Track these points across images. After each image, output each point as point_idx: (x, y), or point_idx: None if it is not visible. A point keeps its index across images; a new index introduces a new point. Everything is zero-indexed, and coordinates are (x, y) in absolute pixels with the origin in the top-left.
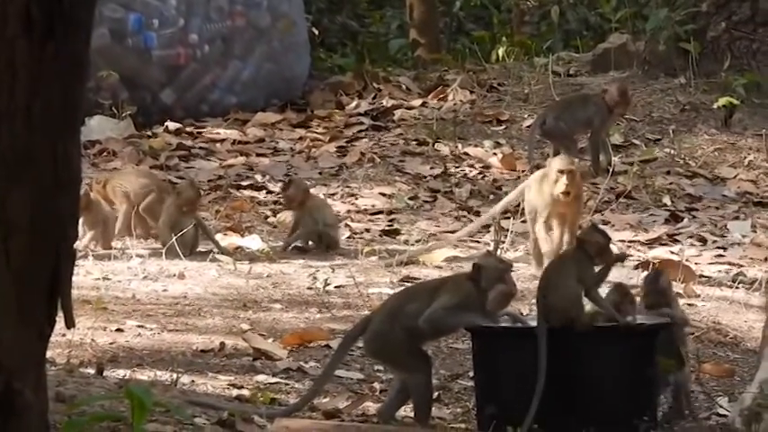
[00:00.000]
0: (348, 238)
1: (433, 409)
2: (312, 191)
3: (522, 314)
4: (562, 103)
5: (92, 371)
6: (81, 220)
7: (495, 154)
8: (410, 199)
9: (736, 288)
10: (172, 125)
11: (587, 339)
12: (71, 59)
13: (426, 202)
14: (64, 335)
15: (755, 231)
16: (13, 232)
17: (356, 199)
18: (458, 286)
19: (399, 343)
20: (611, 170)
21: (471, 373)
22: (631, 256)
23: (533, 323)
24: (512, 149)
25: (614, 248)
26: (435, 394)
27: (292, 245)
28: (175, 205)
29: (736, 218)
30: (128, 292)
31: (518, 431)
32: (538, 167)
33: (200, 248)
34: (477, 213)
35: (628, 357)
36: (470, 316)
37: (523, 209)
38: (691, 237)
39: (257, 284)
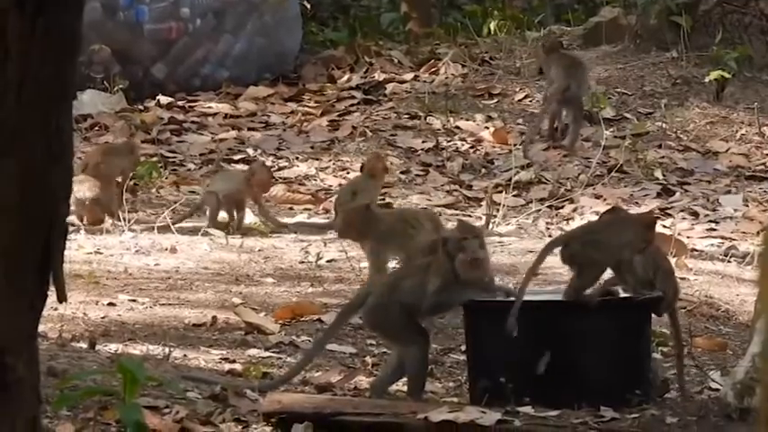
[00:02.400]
0: None
1: (426, 383)
2: (304, 164)
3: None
4: (581, 68)
5: (84, 345)
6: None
7: (486, 128)
8: (402, 173)
9: (729, 262)
10: (163, 99)
11: (579, 312)
12: (63, 33)
13: (418, 175)
14: (56, 309)
15: (747, 205)
16: (4, 206)
17: (348, 173)
18: (439, 265)
19: (396, 317)
20: (602, 144)
21: (463, 347)
22: None
23: (526, 297)
24: (503, 123)
25: None
26: (428, 369)
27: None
28: (253, 191)
29: (728, 192)
30: (120, 266)
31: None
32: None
33: (192, 223)
34: (469, 187)
35: (620, 330)
36: (463, 293)
37: (515, 183)
38: (683, 211)
39: (249, 258)
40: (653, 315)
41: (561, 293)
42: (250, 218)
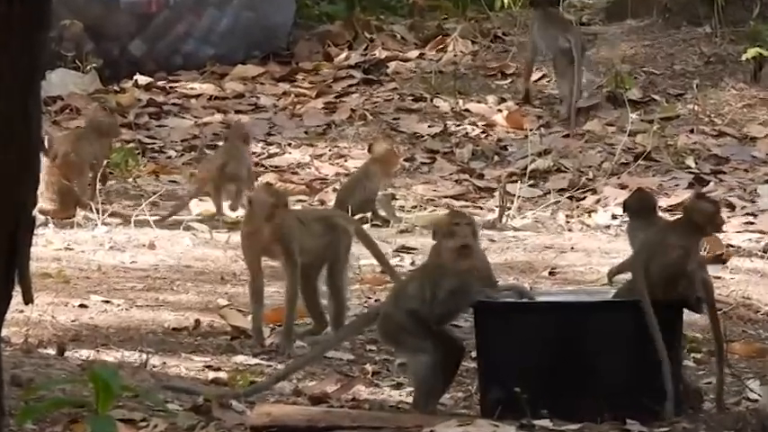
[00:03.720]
0: None
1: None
2: (297, 151)
3: (528, 287)
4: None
5: (52, 351)
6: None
7: (499, 110)
8: (406, 160)
9: None
10: (142, 79)
11: (604, 313)
12: (30, 6)
13: (424, 163)
14: (21, 311)
15: None
16: None
17: (346, 161)
18: (436, 268)
19: (402, 324)
20: (627, 129)
21: (474, 353)
22: None
23: (543, 298)
24: (518, 105)
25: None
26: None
27: None
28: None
29: (767, 181)
30: (92, 263)
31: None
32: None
33: (176, 216)
34: (481, 176)
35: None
36: (469, 296)
37: (531, 172)
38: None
39: (236, 255)
40: (682, 318)
41: (582, 293)
42: (237, 210)
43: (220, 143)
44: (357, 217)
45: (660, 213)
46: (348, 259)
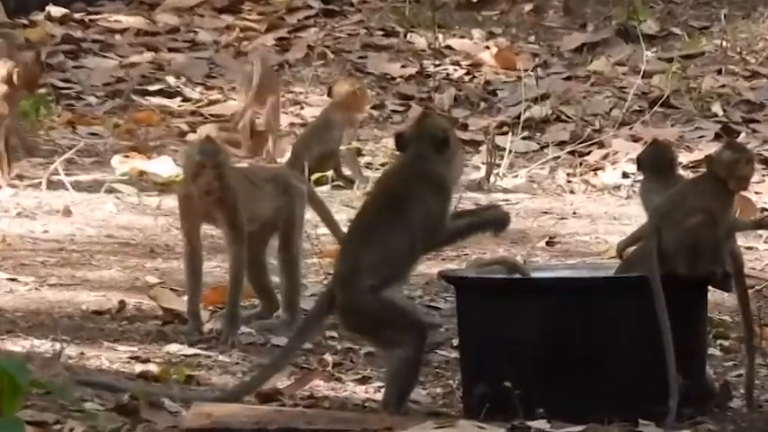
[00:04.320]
0: None
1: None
2: (243, 97)
3: (523, 261)
4: None
5: None
6: None
7: (487, 47)
8: (374, 108)
9: None
10: (55, 11)
11: (612, 293)
12: None
13: (396, 111)
14: None
15: None
16: None
17: (302, 108)
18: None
19: (374, 312)
20: (641, 69)
21: (456, 342)
22: None
23: (539, 274)
24: (510, 42)
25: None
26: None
27: None
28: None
29: None
30: None
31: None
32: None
33: (93, 176)
34: (464, 127)
35: (669, 316)
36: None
37: (526, 122)
38: None
39: (169, 223)
40: (708, 298)
41: (586, 269)
42: (170, 169)
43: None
44: (316, 176)
45: (681, 171)
46: (303, 227)
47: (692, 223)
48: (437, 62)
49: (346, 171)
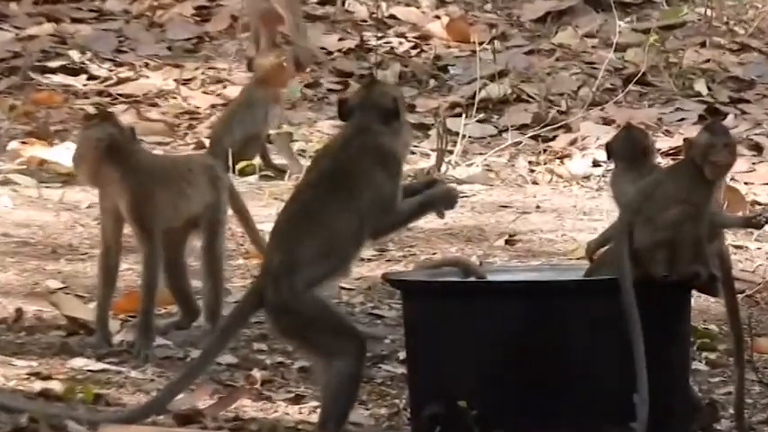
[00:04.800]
0: None
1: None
2: (158, 74)
3: (478, 263)
4: None
5: None
6: None
7: (437, 17)
8: (308, 86)
9: None
10: None
11: (577, 296)
12: None
13: (333, 90)
14: None
15: None
16: None
17: (224, 87)
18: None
19: (311, 314)
20: (614, 41)
21: (402, 355)
22: None
23: (497, 276)
24: (463, 10)
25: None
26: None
27: None
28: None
29: None
30: None
31: None
32: None
33: None
34: (411, 108)
35: (644, 326)
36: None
37: (482, 102)
38: (738, 143)
39: (73, 219)
40: (690, 303)
41: (551, 270)
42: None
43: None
44: (242, 165)
45: (659, 159)
46: (226, 225)
47: (668, 217)
48: (380, 34)
49: (276, 159)
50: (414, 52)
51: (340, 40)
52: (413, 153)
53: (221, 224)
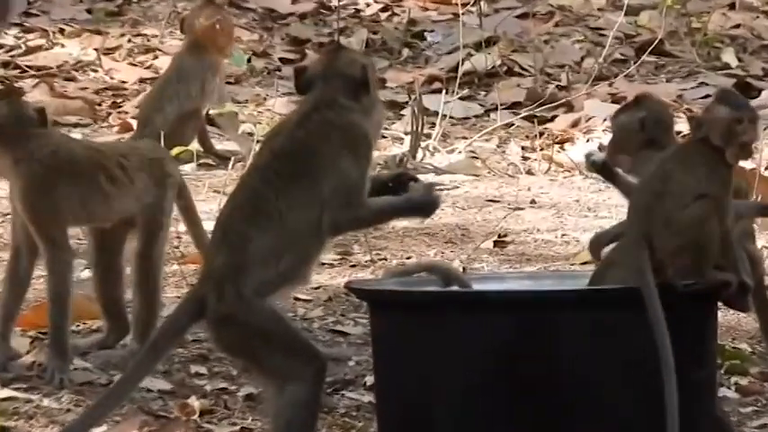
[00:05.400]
0: None
1: None
2: (75, 42)
3: (461, 269)
4: None
5: None
6: None
7: None
8: (258, 55)
9: None
10: None
11: (581, 310)
12: None
13: (286, 61)
14: None
15: None
16: None
17: (156, 58)
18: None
19: (262, 327)
20: (625, 2)
21: (370, 380)
22: None
23: (484, 285)
24: None
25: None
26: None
27: None
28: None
29: None
30: None
31: None
32: None
33: None
34: (382, 82)
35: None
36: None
37: (465, 75)
38: None
39: None
40: (716, 315)
41: (549, 278)
42: None
43: None
44: (176, 151)
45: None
46: (168, 229)
47: (690, 216)
48: None
49: (219, 143)
50: (384, 16)
51: (294, 1)
52: (383, 137)
53: (162, 228)
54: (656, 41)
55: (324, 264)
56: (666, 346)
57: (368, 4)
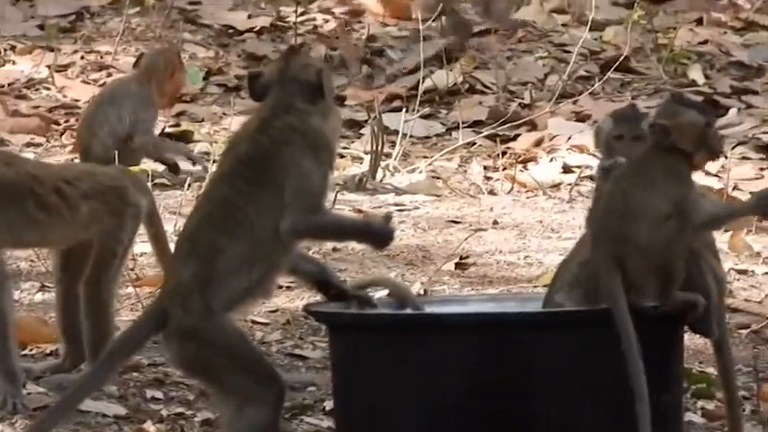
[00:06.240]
0: None
1: None
2: (26, 59)
3: (422, 291)
4: None
5: None
6: None
7: None
8: (212, 74)
9: None
10: None
11: (544, 332)
12: None
13: (243, 78)
14: None
15: None
16: None
17: (109, 75)
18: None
19: (224, 344)
20: (589, 18)
21: (329, 405)
22: None
23: (443, 308)
24: None
25: None
26: None
27: None
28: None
29: None
30: None
31: None
32: None
33: None
34: (342, 100)
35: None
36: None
37: (426, 93)
38: (743, 143)
39: None
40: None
41: (511, 300)
42: None
43: None
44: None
45: None
46: (127, 257)
47: (661, 236)
48: (299, 9)
49: (169, 155)
50: (341, 32)
51: (250, 17)
52: (342, 156)
53: (116, 257)
54: (622, 58)
55: (282, 286)
56: (639, 370)
57: (326, 20)
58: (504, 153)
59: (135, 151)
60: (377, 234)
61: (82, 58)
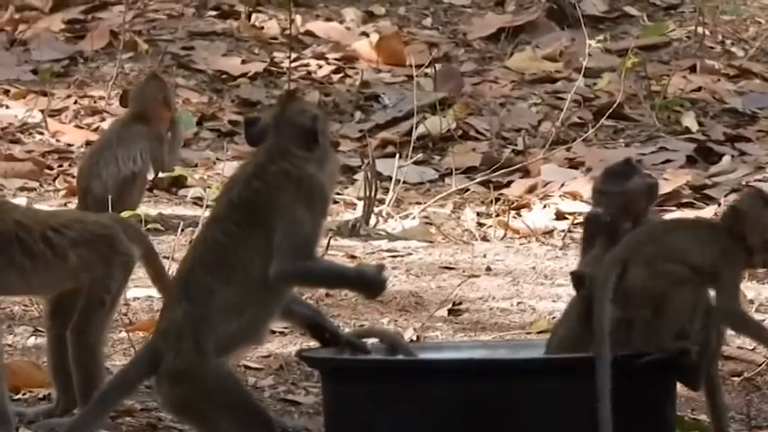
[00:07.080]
0: None
1: None
2: (19, 104)
3: (415, 337)
4: None
5: None
6: None
7: (364, 35)
8: (205, 119)
9: None
10: None
11: (537, 380)
12: None
13: (236, 123)
14: None
15: None
16: None
17: (103, 119)
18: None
19: (218, 389)
20: (583, 65)
21: None
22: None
23: (434, 354)
24: (397, 26)
25: None
26: None
27: None
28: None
29: None
30: None
31: None
32: None
33: None
34: (335, 146)
35: (621, 415)
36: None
37: (420, 139)
38: (736, 190)
39: None
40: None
41: (503, 348)
42: None
43: None
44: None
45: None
46: (117, 306)
47: (671, 270)
48: (295, 55)
49: (168, 208)
50: (336, 77)
51: (244, 62)
52: (335, 202)
53: (104, 305)
54: (615, 105)
55: (275, 332)
56: (606, 418)
57: (319, 66)
58: (497, 199)
59: (132, 193)
60: (369, 283)
61: (75, 102)
